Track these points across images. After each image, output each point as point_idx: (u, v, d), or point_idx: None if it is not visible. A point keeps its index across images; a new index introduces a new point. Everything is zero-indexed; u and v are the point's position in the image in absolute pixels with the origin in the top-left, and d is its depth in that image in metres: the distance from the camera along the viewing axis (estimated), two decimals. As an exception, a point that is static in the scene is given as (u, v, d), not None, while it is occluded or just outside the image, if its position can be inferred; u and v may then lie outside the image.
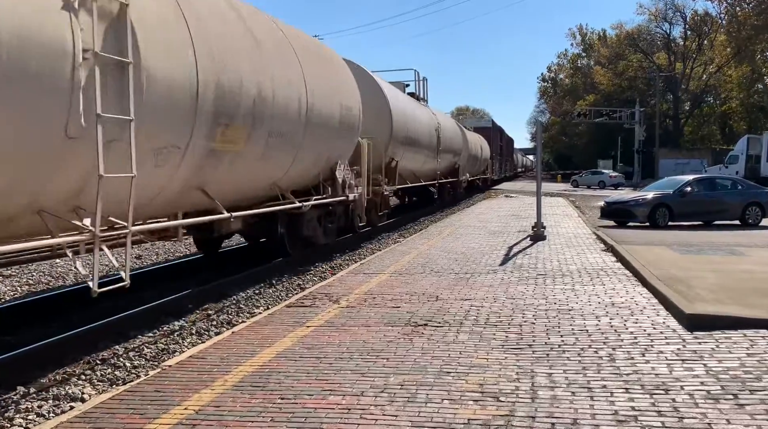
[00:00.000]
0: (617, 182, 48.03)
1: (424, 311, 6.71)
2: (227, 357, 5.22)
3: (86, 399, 4.75)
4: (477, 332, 5.82)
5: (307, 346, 5.47)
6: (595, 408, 3.98)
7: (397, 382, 4.52)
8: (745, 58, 53.40)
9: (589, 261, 10.16)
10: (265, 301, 8.28)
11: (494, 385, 4.41)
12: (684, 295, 6.77)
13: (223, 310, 7.72)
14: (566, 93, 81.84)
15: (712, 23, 61.88)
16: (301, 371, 4.80)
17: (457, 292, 7.72)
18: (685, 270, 8.65)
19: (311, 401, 4.19)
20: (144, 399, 4.32)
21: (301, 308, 7.01)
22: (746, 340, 5.34)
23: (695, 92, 65.64)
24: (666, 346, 5.29)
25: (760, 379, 4.40)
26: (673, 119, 65.69)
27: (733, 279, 7.99)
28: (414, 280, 8.53)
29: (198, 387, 4.51)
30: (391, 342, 5.56)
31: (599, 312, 6.56)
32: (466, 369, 4.78)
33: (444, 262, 10.16)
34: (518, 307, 6.86)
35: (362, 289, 7.97)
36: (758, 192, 17.05)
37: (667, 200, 16.20)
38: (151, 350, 6.10)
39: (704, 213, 16.45)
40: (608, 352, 5.13)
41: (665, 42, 66.89)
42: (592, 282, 8.29)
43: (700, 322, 5.83)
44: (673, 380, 4.45)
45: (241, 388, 4.48)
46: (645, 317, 6.30)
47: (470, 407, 4.02)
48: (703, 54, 64.20)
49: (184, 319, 7.27)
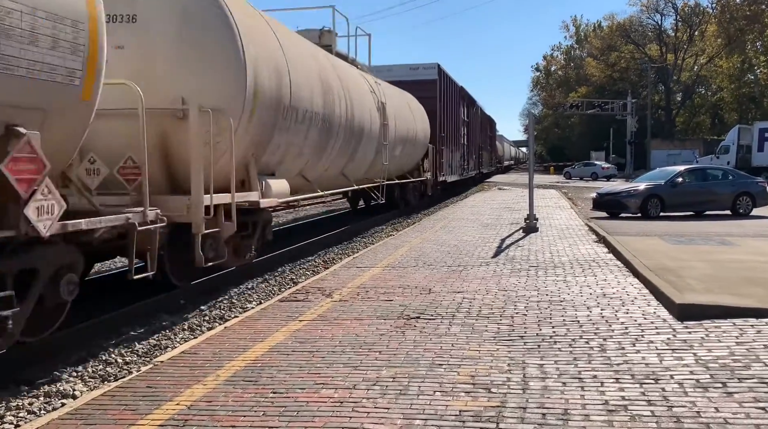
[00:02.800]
0: (610, 173, 48.23)
1: (417, 304, 6.72)
2: (219, 352, 5.22)
3: (78, 396, 4.74)
4: (469, 324, 5.84)
5: (299, 341, 5.47)
6: (586, 398, 4.01)
7: (389, 374, 4.53)
8: (735, 49, 53.68)
9: (581, 252, 10.20)
10: (257, 295, 8.27)
11: (486, 377, 4.43)
12: (674, 285, 6.82)
13: (215, 306, 7.71)
14: (559, 85, 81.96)
15: (702, 14, 62.07)
16: (293, 365, 4.80)
17: (449, 284, 7.74)
18: (676, 260, 8.70)
19: (303, 395, 4.20)
20: (136, 395, 4.32)
21: (293, 303, 7.01)
22: (735, 329, 5.39)
23: (687, 83, 65.88)
24: (656, 335, 5.33)
25: (749, 368, 4.44)
26: (665, 110, 65.93)
27: (724, 268, 8.05)
28: (407, 274, 8.54)
29: (190, 382, 4.51)
30: (383, 335, 5.57)
31: (591, 303, 6.59)
32: (458, 361, 4.79)
33: (437, 255, 10.17)
34: (510, 298, 6.89)
35: (355, 283, 7.97)
36: (749, 182, 17.15)
37: (659, 191, 16.28)
38: (143, 346, 6.08)
39: (695, 203, 16.54)
40: (599, 343, 5.17)
41: (657, 33, 67.01)
42: (584, 273, 8.33)
43: (690, 311, 5.87)
44: (663, 369, 4.48)
45: (233, 382, 4.48)
46: (636, 307, 6.33)
47: (462, 399, 4.04)
48: (694, 45, 64.41)
49: (176, 314, 7.25)
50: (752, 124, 40.82)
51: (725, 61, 56.79)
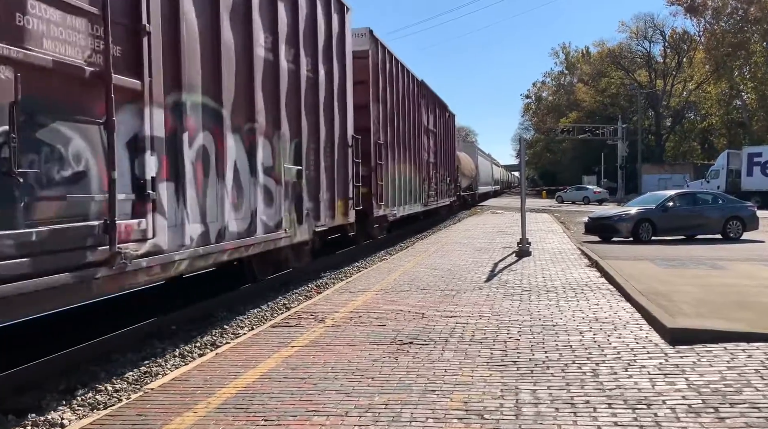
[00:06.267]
0: (601, 198, 48.54)
1: (410, 329, 6.70)
2: (211, 379, 5.18)
3: (66, 424, 4.67)
4: (462, 349, 5.83)
5: (291, 367, 5.44)
6: (579, 424, 3.99)
7: (382, 401, 4.51)
8: (723, 75, 54.58)
9: (574, 276, 10.23)
10: (249, 321, 8.22)
11: (479, 403, 4.41)
12: (666, 310, 6.84)
13: (207, 331, 7.65)
14: (549, 110, 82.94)
15: (690, 41, 63.28)
16: (285, 392, 4.77)
17: (442, 309, 7.73)
18: (667, 284, 8.74)
19: (295, 423, 4.16)
20: (125, 423, 4.27)
21: (286, 328, 6.97)
22: (727, 354, 5.40)
23: (676, 108, 66.88)
24: (648, 360, 5.33)
25: (740, 393, 4.45)
26: (655, 135, 66.75)
27: (715, 293, 8.09)
28: (400, 298, 8.53)
29: (181, 410, 4.46)
30: (376, 361, 5.54)
31: (583, 327, 6.60)
32: (450, 387, 4.78)
33: (430, 279, 10.17)
34: (503, 323, 6.88)
35: (348, 308, 7.95)
36: (739, 206, 17.32)
37: (650, 215, 16.41)
38: (134, 373, 6.02)
39: (686, 227, 16.67)
40: (592, 368, 5.16)
41: (646, 59, 68.20)
42: (577, 297, 8.34)
43: (682, 336, 5.89)
44: (655, 395, 4.48)
45: (224, 410, 4.44)
46: (628, 332, 6.35)
47: (455, 425, 4.02)
48: (682, 71, 65.55)
49: (167, 340, 7.19)
50: (741, 149, 41.35)
51: (713, 87, 57.76)
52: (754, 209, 17.23)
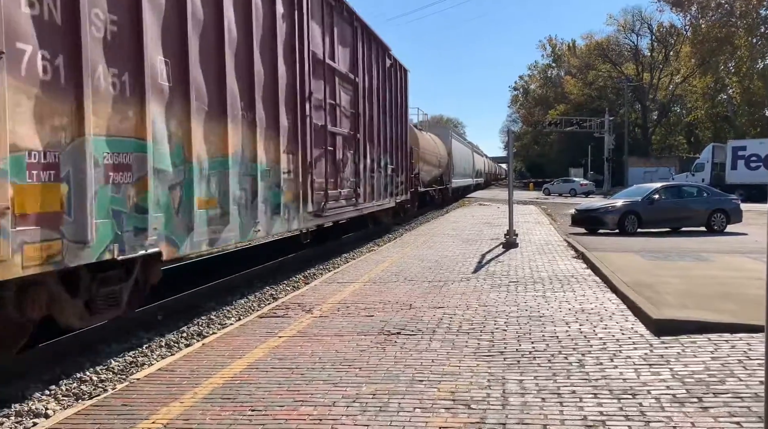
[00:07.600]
0: (588, 190, 48.83)
1: (398, 320, 6.71)
2: (197, 369, 5.15)
3: (50, 415, 4.63)
4: (449, 340, 5.85)
5: (279, 357, 5.42)
6: (565, 414, 4.02)
7: (369, 391, 4.51)
8: (708, 70, 55.03)
9: (560, 268, 10.29)
10: (237, 311, 8.19)
11: (466, 393, 4.42)
12: (651, 301, 6.91)
13: (193, 321, 7.61)
14: (537, 103, 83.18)
15: (677, 35, 63.67)
16: (272, 382, 4.75)
17: (430, 300, 7.75)
18: (653, 276, 8.82)
19: (282, 412, 4.15)
20: (111, 413, 4.23)
21: (273, 318, 6.95)
22: (711, 345, 5.47)
23: (662, 102, 67.35)
24: (634, 351, 5.38)
25: (724, 383, 4.51)
26: (642, 128, 67.24)
27: (699, 284, 8.18)
28: (387, 289, 8.53)
29: (167, 400, 4.44)
30: (363, 351, 5.54)
31: (569, 318, 6.64)
32: (438, 377, 4.79)
33: (418, 270, 10.19)
34: (490, 314, 6.91)
35: (336, 299, 7.94)
36: (723, 199, 17.51)
37: (636, 208, 16.54)
38: (119, 363, 5.98)
39: (672, 220, 16.83)
40: (578, 358, 5.20)
41: (633, 53, 68.54)
42: (563, 288, 8.40)
43: (667, 327, 5.95)
44: (640, 385, 4.52)
45: (211, 400, 4.42)
46: (614, 323, 6.40)
47: (442, 415, 4.03)
48: (669, 65, 66.00)
49: (153, 330, 7.15)
50: (726, 143, 41.79)
51: (699, 81, 58.20)
52: (738, 202, 17.42)
